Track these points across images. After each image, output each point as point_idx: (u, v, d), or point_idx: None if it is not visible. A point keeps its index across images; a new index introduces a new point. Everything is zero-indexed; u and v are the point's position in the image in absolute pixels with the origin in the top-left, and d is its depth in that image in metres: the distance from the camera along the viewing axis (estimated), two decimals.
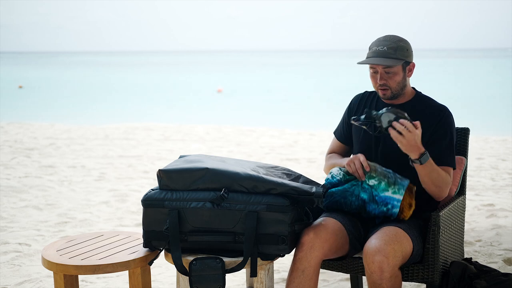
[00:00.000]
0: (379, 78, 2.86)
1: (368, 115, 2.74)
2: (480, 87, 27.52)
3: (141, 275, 2.73)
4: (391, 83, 2.86)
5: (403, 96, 2.94)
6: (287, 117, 16.44)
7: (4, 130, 11.88)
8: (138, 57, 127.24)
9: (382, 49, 2.84)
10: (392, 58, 2.83)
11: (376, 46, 2.87)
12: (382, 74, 2.86)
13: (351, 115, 3.08)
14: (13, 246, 4.54)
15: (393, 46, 2.84)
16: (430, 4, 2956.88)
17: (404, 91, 2.92)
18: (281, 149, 9.48)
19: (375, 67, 2.87)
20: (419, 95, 2.99)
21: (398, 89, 2.88)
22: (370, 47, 2.91)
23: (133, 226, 5.16)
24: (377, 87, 2.90)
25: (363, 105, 3.06)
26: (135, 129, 12.14)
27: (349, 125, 3.09)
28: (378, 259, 2.55)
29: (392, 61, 2.82)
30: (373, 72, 2.89)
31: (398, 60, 2.83)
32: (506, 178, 6.97)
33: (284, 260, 4.03)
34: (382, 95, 2.90)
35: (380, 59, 2.83)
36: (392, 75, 2.85)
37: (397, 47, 2.84)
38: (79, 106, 20.32)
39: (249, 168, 2.68)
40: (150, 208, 2.62)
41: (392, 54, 2.83)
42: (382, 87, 2.87)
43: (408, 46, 2.88)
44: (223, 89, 28.40)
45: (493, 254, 4.20)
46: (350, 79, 32.93)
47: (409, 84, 2.97)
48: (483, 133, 11.35)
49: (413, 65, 2.92)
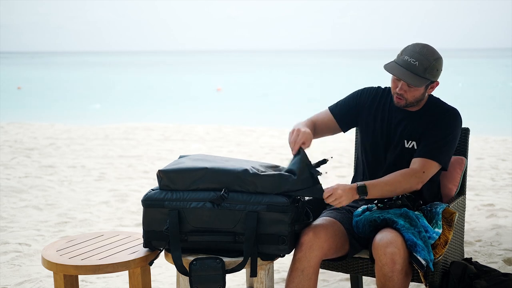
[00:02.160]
0: (399, 87, 2.82)
1: None
2: (480, 87, 27.51)
3: (141, 275, 2.73)
4: (408, 96, 2.83)
5: (417, 106, 2.92)
6: (287, 117, 16.45)
7: (4, 130, 11.87)
8: (138, 57, 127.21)
9: (413, 62, 2.76)
10: (419, 77, 2.76)
11: (408, 56, 2.78)
12: (403, 86, 2.81)
13: (360, 107, 3.00)
14: (13, 246, 4.54)
15: (425, 64, 2.76)
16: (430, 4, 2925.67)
17: (420, 103, 2.90)
18: (281, 149, 9.48)
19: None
20: (430, 100, 2.94)
21: (413, 102, 2.86)
22: (403, 51, 2.83)
23: (133, 226, 5.16)
24: (395, 92, 2.86)
25: (376, 104, 2.99)
26: (135, 129, 12.14)
27: (354, 112, 3.01)
28: (390, 250, 2.55)
29: (417, 80, 2.75)
30: (396, 78, 2.84)
31: (423, 80, 2.77)
32: (506, 178, 6.97)
33: (284, 260, 4.03)
34: (396, 102, 2.87)
35: (407, 73, 2.75)
36: (413, 90, 2.81)
37: (429, 66, 2.77)
38: (79, 106, 20.32)
39: (249, 165, 2.67)
40: (150, 208, 2.62)
41: (421, 73, 2.76)
42: (399, 96, 2.84)
43: (439, 66, 2.81)
44: (222, 88, 28.42)
45: (493, 254, 4.20)
46: (350, 79, 32.97)
47: (427, 97, 2.92)
48: (483, 133, 11.35)
49: (436, 84, 2.87)
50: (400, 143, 2.89)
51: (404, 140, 2.89)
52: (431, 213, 2.77)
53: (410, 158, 2.86)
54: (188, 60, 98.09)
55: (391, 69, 2.80)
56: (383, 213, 2.69)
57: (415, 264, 2.57)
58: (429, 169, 2.79)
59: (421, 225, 2.66)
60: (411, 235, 2.60)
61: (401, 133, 2.89)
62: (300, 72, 49.13)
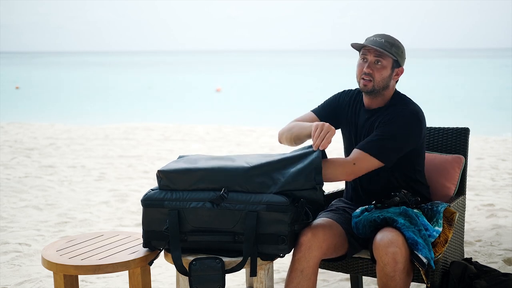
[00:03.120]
0: (367, 66, 2.83)
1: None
2: (480, 87, 27.52)
3: (141, 275, 2.73)
4: (376, 75, 2.82)
5: (381, 99, 2.89)
6: (287, 117, 16.45)
7: (4, 130, 11.88)
8: (138, 57, 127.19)
9: (379, 40, 2.83)
10: (386, 50, 2.81)
11: (373, 37, 2.87)
12: (371, 64, 2.83)
13: (339, 109, 3.01)
14: (13, 246, 4.54)
15: (391, 41, 2.84)
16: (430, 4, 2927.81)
17: (384, 92, 2.88)
18: (281, 149, 9.48)
19: (366, 54, 2.84)
20: (396, 96, 2.91)
21: (380, 85, 2.84)
22: (366, 38, 2.90)
23: (133, 226, 5.16)
24: (361, 76, 2.85)
25: (351, 105, 2.99)
26: (135, 129, 12.15)
27: (335, 114, 3.01)
28: (391, 250, 2.54)
29: (384, 51, 2.80)
30: (362, 59, 2.86)
31: (391, 54, 2.82)
32: (506, 178, 6.97)
33: (284, 260, 4.03)
34: (362, 85, 2.85)
35: (374, 44, 2.81)
36: (380, 68, 2.83)
37: (394, 44, 2.84)
38: (79, 106, 20.32)
39: (244, 161, 2.67)
40: (150, 208, 2.62)
41: (388, 48, 2.82)
42: (367, 77, 2.83)
43: (403, 49, 2.89)
44: (221, 88, 28.42)
45: (493, 254, 4.20)
46: (350, 79, 32.84)
47: (393, 88, 2.92)
48: (483, 133, 11.36)
49: (401, 70, 2.89)
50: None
51: None
52: (432, 211, 2.77)
53: None
54: (188, 60, 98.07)
55: (359, 43, 2.86)
56: (382, 213, 2.69)
57: (416, 263, 2.57)
58: (361, 161, 2.71)
59: (421, 223, 2.65)
60: (412, 234, 2.60)
61: (367, 134, 2.88)
62: (300, 72, 49.14)
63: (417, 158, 2.90)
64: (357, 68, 2.89)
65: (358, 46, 2.90)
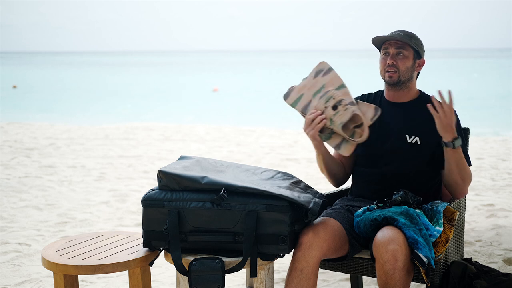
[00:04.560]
0: (390, 57, 2.88)
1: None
2: (480, 87, 27.52)
3: (141, 275, 2.73)
4: (400, 65, 2.87)
5: (408, 92, 2.94)
6: (287, 117, 16.44)
7: (4, 130, 11.88)
8: (138, 57, 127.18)
9: (398, 33, 2.89)
10: (407, 42, 2.87)
11: (392, 33, 2.92)
12: (394, 55, 2.88)
13: None
14: (13, 246, 4.54)
15: (409, 34, 2.90)
16: (431, 4, 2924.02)
17: (410, 84, 2.93)
18: (281, 149, 9.48)
19: (387, 48, 2.89)
20: (423, 95, 2.99)
21: (406, 75, 2.89)
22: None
23: (133, 226, 5.16)
24: (386, 68, 2.90)
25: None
26: (135, 129, 12.15)
27: None
28: (392, 247, 2.54)
29: (406, 42, 2.86)
30: (384, 54, 2.91)
31: (412, 45, 2.87)
32: (506, 178, 6.97)
33: (284, 260, 4.03)
34: (388, 77, 2.90)
35: (397, 37, 2.87)
36: (403, 58, 2.88)
37: (413, 36, 2.90)
38: (79, 106, 20.32)
39: (248, 181, 2.66)
40: (150, 208, 2.62)
41: (407, 39, 2.87)
42: (391, 68, 2.88)
43: (422, 42, 2.95)
44: (218, 88, 28.42)
45: (493, 254, 4.20)
46: (350, 79, 32.90)
47: (415, 82, 2.98)
48: (483, 133, 11.36)
49: (423, 62, 2.96)
50: (401, 136, 2.90)
51: (406, 135, 2.89)
52: (432, 211, 2.77)
53: (413, 152, 2.87)
54: (189, 60, 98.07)
55: (380, 36, 2.91)
56: (383, 212, 2.69)
57: (416, 262, 2.57)
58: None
59: (422, 223, 2.65)
60: (412, 233, 2.59)
61: (400, 127, 2.90)
62: (300, 72, 49.13)
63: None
64: (380, 63, 2.94)
65: (379, 41, 2.93)
